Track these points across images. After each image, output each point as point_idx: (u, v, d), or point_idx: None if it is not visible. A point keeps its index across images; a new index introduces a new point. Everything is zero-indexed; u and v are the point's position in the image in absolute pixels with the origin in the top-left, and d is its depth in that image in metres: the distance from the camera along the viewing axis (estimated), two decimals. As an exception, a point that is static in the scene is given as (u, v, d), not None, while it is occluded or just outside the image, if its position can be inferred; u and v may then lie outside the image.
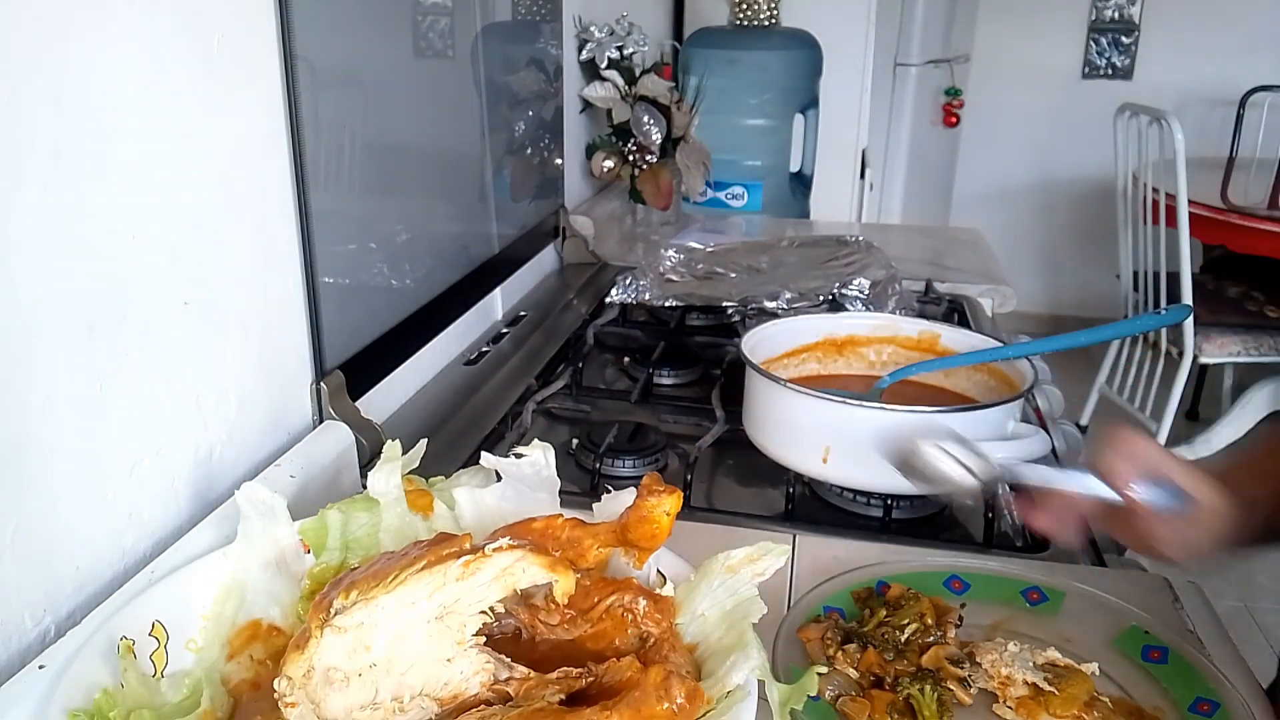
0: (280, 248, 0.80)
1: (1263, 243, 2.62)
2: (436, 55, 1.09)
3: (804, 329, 1.02)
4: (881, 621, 0.64)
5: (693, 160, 1.78)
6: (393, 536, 0.61)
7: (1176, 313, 1.98)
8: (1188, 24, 3.72)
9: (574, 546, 0.54)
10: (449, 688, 0.49)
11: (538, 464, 0.62)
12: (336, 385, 0.87)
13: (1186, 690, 0.59)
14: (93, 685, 0.49)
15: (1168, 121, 2.58)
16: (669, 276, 1.31)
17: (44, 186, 0.55)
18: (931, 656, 0.61)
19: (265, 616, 0.58)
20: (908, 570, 0.72)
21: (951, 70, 3.35)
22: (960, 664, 0.61)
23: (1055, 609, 0.68)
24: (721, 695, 0.49)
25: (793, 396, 0.85)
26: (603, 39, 1.63)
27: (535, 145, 1.41)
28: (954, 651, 0.62)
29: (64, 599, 0.59)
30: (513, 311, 1.36)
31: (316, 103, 0.82)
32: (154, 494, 0.67)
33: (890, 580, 0.69)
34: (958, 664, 0.61)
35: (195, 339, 0.70)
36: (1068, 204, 4.00)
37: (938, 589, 0.70)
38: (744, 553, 0.55)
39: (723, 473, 0.97)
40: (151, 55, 0.63)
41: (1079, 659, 0.61)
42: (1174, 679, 0.61)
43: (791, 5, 2.16)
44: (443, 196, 1.14)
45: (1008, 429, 0.84)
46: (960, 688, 0.60)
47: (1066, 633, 0.66)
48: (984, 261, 1.70)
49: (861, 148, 2.45)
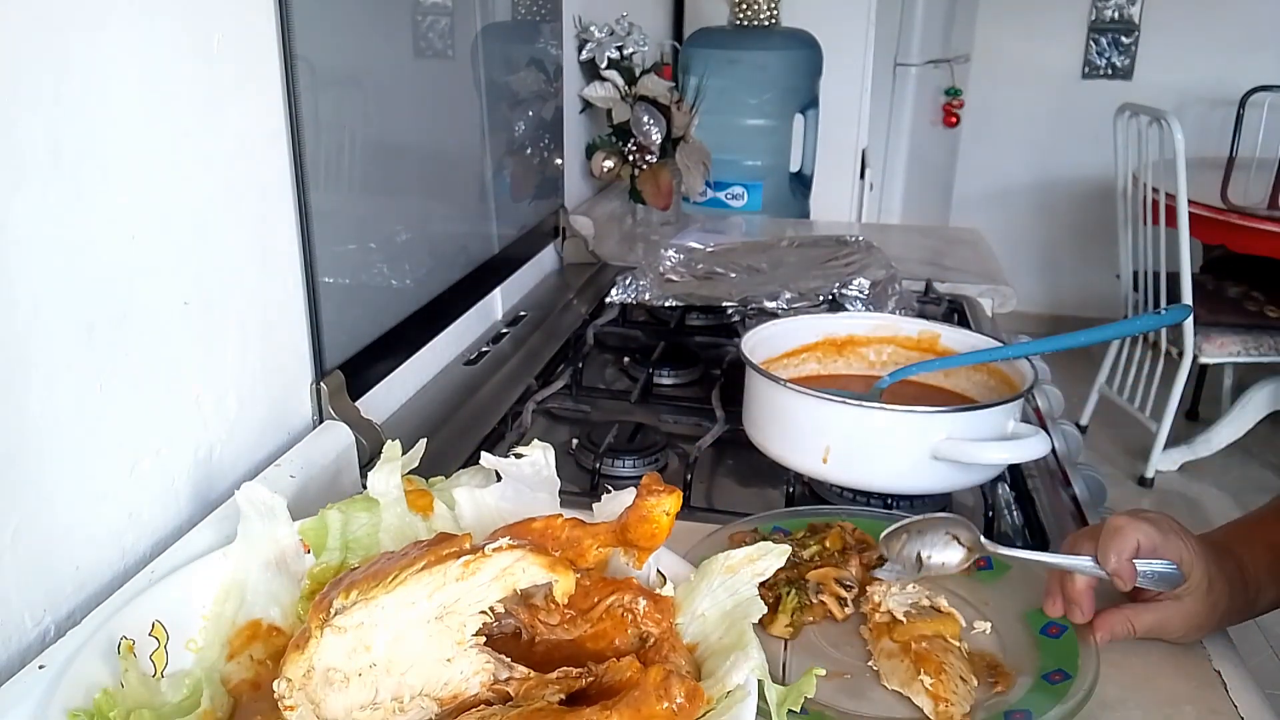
0: (280, 248, 0.80)
1: (1263, 243, 2.62)
2: (436, 55, 1.09)
3: (804, 329, 1.02)
4: (797, 540, 0.73)
5: (693, 160, 1.78)
6: (393, 537, 0.61)
7: (1176, 313, 1.97)
8: (1188, 24, 3.72)
9: (574, 546, 0.54)
10: (449, 688, 0.49)
11: (538, 464, 0.62)
12: (336, 385, 0.87)
13: (1052, 661, 0.63)
14: (93, 685, 0.49)
15: (1168, 121, 2.59)
16: (669, 276, 1.31)
17: (44, 186, 0.55)
18: (821, 574, 0.70)
19: (265, 616, 0.58)
20: (870, 519, 0.77)
21: (951, 70, 3.35)
22: (849, 588, 0.70)
23: (994, 578, 0.71)
24: (721, 695, 0.49)
25: (793, 396, 0.85)
26: (603, 39, 1.63)
27: (535, 145, 1.41)
28: (847, 576, 0.70)
29: (64, 599, 0.59)
30: (513, 311, 1.36)
31: (316, 103, 0.82)
32: (154, 494, 0.67)
33: (854, 524, 0.76)
34: (846, 587, 0.69)
35: (195, 339, 0.70)
36: (1068, 204, 4.00)
37: None
38: (744, 553, 0.55)
39: (723, 473, 0.97)
40: (151, 55, 0.63)
41: (979, 617, 0.68)
42: (1051, 651, 0.64)
43: (791, 5, 2.16)
44: (443, 196, 1.14)
45: (1008, 429, 0.84)
46: (836, 604, 0.69)
47: (987, 597, 0.70)
48: (984, 261, 1.70)
49: (861, 148, 2.45)
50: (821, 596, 0.69)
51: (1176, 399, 2.81)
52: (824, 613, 0.69)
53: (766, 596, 0.66)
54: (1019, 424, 0.86)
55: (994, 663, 0.64)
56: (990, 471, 0.85)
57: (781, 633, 0.67)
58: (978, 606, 0.69)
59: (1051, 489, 0.91)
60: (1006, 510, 0.90)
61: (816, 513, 0.79)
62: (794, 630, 0.68)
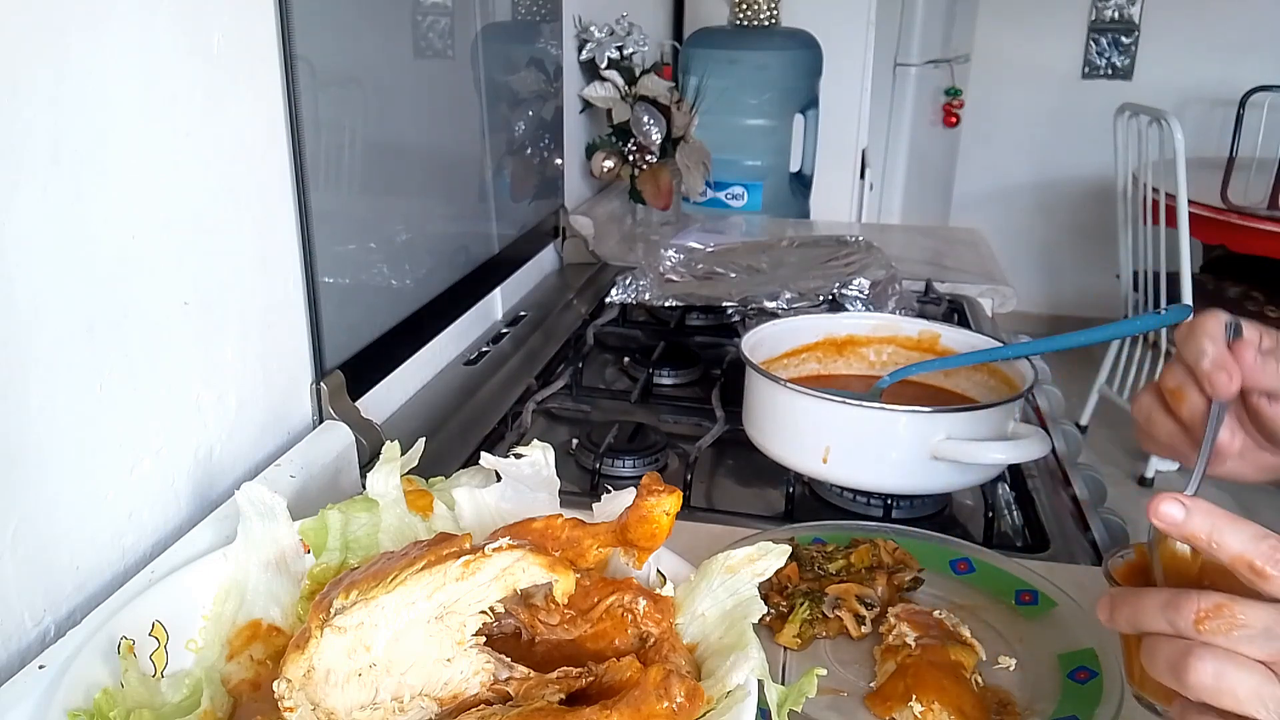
0: (280, 248, 0.80)
1: (1263, 243, 2.62)
2: (436, 55, 1.09)
3: (804, 329, 1.02)
4: (826, 554, 0.72)
5: (693, 160, 1.78)
6: (392, 537, 0.61)
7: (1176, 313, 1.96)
8: (1188, 24, 3.72)
9: (574, 546, 0.54)
10: (449, 688, 0.49)
11: (537, 464, 0.62)
12: (336, 385, 0.87)
13: (1069, 707, 0.60)
14: (93, 685, 0.49)
15: (1168, 121, 2.59)
16: (669, 276, 1.31)
17: (44, 186, 0.55)
18: (842, 589, 0.68)
19: (265, 616, 0.58)
20: (919, 540, 0.75)
21: (951, 70, 3.35)
22: (870, 607, 0.67)
23: (1037, 614, 0.69)
24: (721, 695, 0.49)
25: (793, 396, 0.85)
26: (603, 39, 1.63)
27: (535, 145, 1.41)
28: (869, 594, 0.68)
29: (64, 599, 0.59)
30: (513, 311, 1.36)
31: (316, 103, 0.82)
32: (154, 494, 0.67)
33: (896, 544, 0.73)
34: (867, 605, 0.67)
35: (195, 339, 0.70)
36: (1068, 204, 4.00)
37: (943, 566, 0.73)
38: (744, 553, 0.55)
39: (723, 473, 0.97)
40: (151, 54, 0.63)
41: (1007, 653, 0.65)
42: (1072, 697, 0.61)
43: (791, 5, 2.16)
44: (443, 196, 1.14)
45: (1008, 429, 0.84)
46: (854, 621, 0.67)
47: (1023, 633, 0.67)
48: (984, 261, 1.70)
49: (861, 148, 2.45)
50: (839, 612, 0.67)
51: (1176, 399, 2.80)
52: (839, 628, 0.67)
53: (780, 604, 0.67)
54: (1019, 424, 0.86)
55: (1006, 700, 0.62)
56: (990, 471, 0.85)
57: (788, 642, 0.66)
58: (1010, 641, 0.66)
59: (1051, 489, 0.91)
60: (1006, 510, 0.90)
61: (862, 529, 0.77)
62: (802, 642, 0.67)
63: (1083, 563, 0.79)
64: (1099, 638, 0.64)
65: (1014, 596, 0.70)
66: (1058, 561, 0.78)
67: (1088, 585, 0.72)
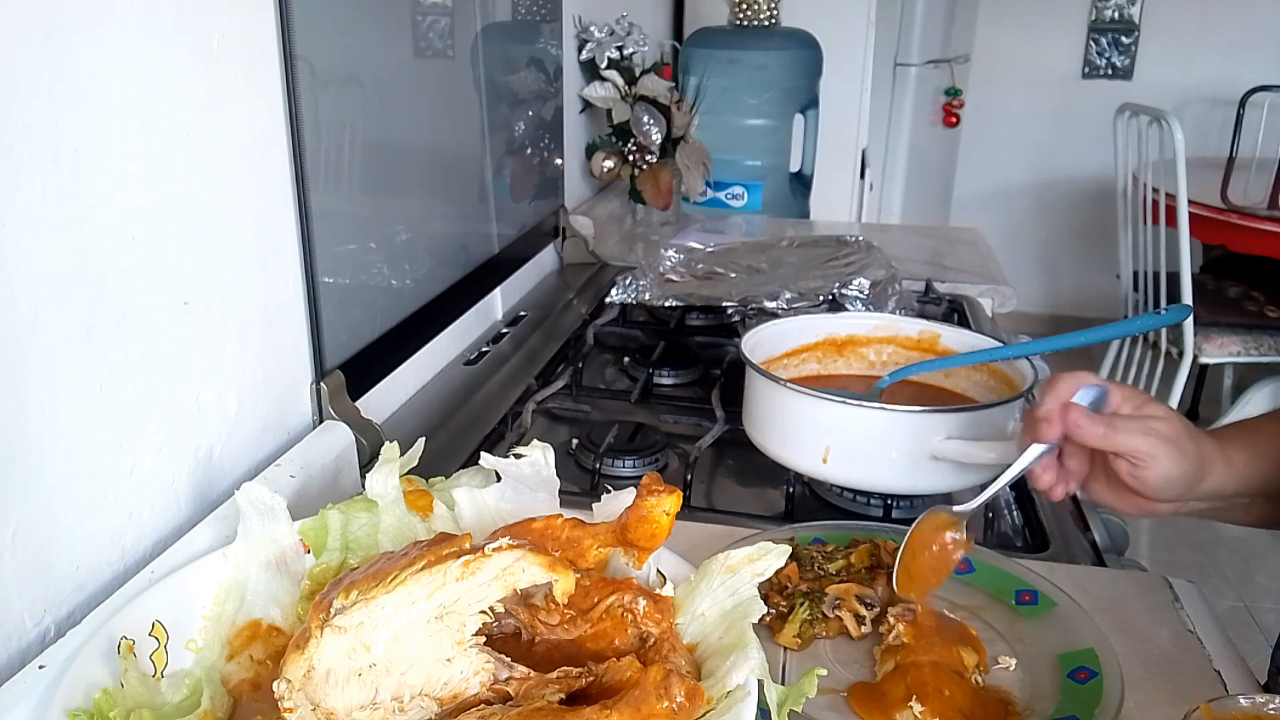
0: (280, 248, 0.80)
1: (1263, 243, 2.62)
2: (436, 55, 1.09)
3: (804, 329, 1.02)
4: (826, 554, 0.72)
5: (693, 160, 1.78)
6: (392, 537, 0.61)
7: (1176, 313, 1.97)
8: (1188, 24, 3.72)
9: (574, 546, 0.54)
10: (449, 688, 0.49)
11: (537, 464, 0.62)
12: (336, 385, 0.87)
13: (1068, 707, 0.60)
14: (93, 685, 0.49)
15: (1168, 121, 2.58)
16: (669, 276, 1.31)
17: (44, 186, 0.55)
18: (842, 589, 0.68)
19: (265, 616, 0.58)
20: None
21: (951, 70, 3.35)
22: (870, 606, 0.68)
23: (1036, 613, 0.69)
24: (721, 695, 0.49)
25: (793, 396, 0.85)
26: (603, 39, 1.63)
27: (535, 145, 1.41)
28: (869, 594, 0.68)
29: (64, 599, 0.59)
30: (513, 311, 1.36)
31: (316, 103, 0.82)
32: (153, 494, 0.67)
33: (898, 543, 0.72)
34: (867, 605, 0.68)
35: (195, 339, 0.70)
36: (1068, 204, 4.00)
37: None
38: (744, 553, 0.55)
39: (723, 473, 0.97)
40: (151, 54, 0.63)
41: (1008, 653, 0.65)
42: (1072, 697, 0.61)
43: (791, 5, 2.16)
44: (443, 196, 1.14)
45: (1008, 429, 0.84)
46: (854, 621, 0.67)
47: (1023, 633, 0.67)
48: (984, 261, 1.70)
49: (861, 148, 2.45)
50: (839, 612, 0.68)
51: (1176, 399, 2.80)
52: (839, 629, 0.68)
53: (780, 605, 0.67)
54: (1019, 424, 0.85)
55: (1007, 700, 0.62)
56: (990, 471, 0.85)
57: (789, 643, 0.66)
58: (1010, 641, 0.67)
59: (1051, 489, 0.91)
60: (1006, 510, 0.90)
61: (862, 529, 0.77)
62: (802, 642, 0.67)
63: (1083, 563, 0.79)
64: (1099, 638, 0.64)
65: (1014, 596, 0.70)
66: (1058, 561, 0.78)
67: (1088, 585, 0.72)
